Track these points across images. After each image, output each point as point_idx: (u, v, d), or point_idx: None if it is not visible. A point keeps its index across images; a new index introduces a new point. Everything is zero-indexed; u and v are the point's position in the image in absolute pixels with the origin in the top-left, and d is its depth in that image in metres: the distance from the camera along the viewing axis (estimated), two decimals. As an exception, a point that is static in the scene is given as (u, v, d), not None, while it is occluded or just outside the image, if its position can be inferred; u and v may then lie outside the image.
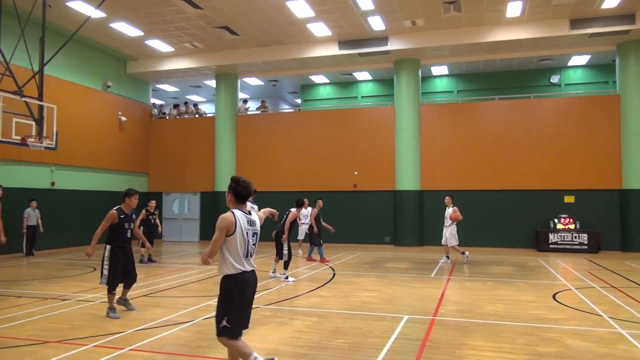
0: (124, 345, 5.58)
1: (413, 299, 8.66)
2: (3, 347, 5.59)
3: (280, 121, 21.25)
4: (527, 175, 17.93)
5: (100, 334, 6.08)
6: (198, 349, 5.53)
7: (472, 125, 18.70)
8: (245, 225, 4.21)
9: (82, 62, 18.46)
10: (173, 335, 6.09)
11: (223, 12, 15.69)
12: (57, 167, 17.09)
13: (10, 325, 6.57)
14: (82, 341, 5.77)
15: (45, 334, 6.10)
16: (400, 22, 16.59)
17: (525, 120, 18.22)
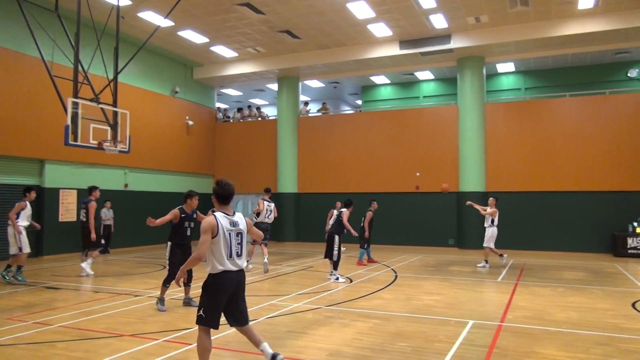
0: (192, 341, 5.78)
1: (479, 303, 8.39)
2: (83, 338, 5.96)
3: (341, 123, 21.29)
4: (602, 175, 16.90)
5: (170, 329, 6.34)
6: (262, 347, 5.62)
7: (541, 123, 17.88)
8: (227, 226, 4.43)
9: (152, 70, 19.39)
10: (237, 333, 6.21)
11: (284, 16, 15.95)
12: (129, 170, 18.05)
13: (88, 318, 6.99)
14: (154, 335, 6.04)
15: (119, 327, 6.44)
16: (463, 19, 16.17)
17: (600, 118, 17.20)
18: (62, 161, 15.46)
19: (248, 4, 14.95)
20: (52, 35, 12.52)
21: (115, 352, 5.37)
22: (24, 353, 5.36)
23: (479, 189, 18.06)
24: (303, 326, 6.58)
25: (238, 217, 4.59)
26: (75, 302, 8.22)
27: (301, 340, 5.88)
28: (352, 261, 14.14)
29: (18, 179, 14.55)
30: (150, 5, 14.98)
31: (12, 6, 12.69)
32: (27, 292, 9.06)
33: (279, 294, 9.01)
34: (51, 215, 15.09)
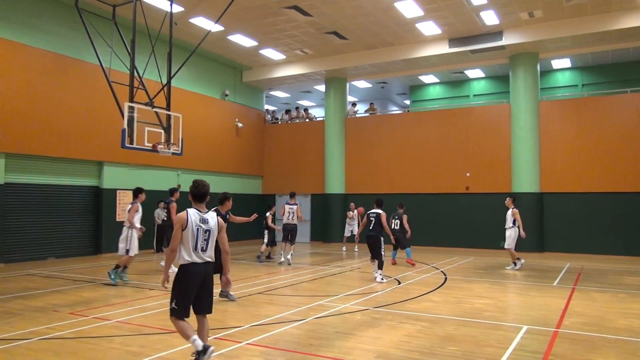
0: (241, 339, 5.89)
1: (532, 308, 8.10)
2: (139, 333, 6.20)
3: (388, 123, 21.12)
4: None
5: (221, 327, 6.48)
6: (310, 347, 5.66)
7: (600, 121, 17.07)
8: (197, 221, 4.76)
9: (203, 74, 19.92)
10: (286, 333, 6.31)
11: (332, 18, 15.99)
12: (182, 171, 18.61)
13: (144, 314, 7.26)
14: (205, 333, 6.19)
15: (172, 324, 6.62)
16: (515, 15, 15.68)
17: (665, 114, 16.25)
18: (119, 163, 16.14)
19: (296, 7, 15.10)
20: (109, 43, 13.10)
21: (169, 347, 5.55)
22: (85, 346, 5.63)
23: (532, 189, 17.45)
24: (351, 327, 6.57)
25: (210, 215, 4.89)
26: (131, 298, 8.56)
27: (349, 342, 5.88)
28: (385, 262, 13.97)
29: (78, 180, 15.32)
30: (202, 11, 15.40)
31: (72, 16, 13.38)
32: (88, 288, 9.50)
33: (327, 294, 9.04)
34: (109, 215, 15.77)
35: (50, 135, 14.24)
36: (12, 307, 7.77)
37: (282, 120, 24.19)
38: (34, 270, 12.06)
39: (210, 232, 4.84)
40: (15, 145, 13.40)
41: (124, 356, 5.25)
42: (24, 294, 8.86)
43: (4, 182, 13.24)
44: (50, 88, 14.28)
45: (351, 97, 25.30)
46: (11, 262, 13.34)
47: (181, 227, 4.69)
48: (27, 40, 13.81)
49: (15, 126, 13.38)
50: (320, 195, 21.56)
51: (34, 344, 5.71)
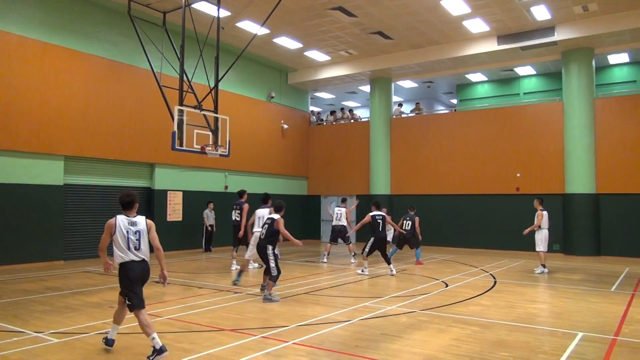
0: (288, 339, 5.94)
1: (589, 314, 7.76)
2: (189, 330, 6.36)
3: (435, 123, 20.79)
4: None
5: (268, 326, 6.56)
6: (356, 348, 5.64)
7: (662, 118, 16.17)
8: (125, 225, 5.34)
9: (249, 76, 20.24)
10: (332, 333, 6.31)
11: (377, 18, 15.90)
12: (229, 173, 18.97)
13: (193, 312, 7.44)
14: (252, 331, 6.28)
15: (221, 322, 6.78)
16: (569, 9, 15.09)
17: None
18: (169, 165, 16.63)
19: (340, 8, 15.11)
20: (160, 49, 13.53)
21: (218, 345, 5.66)
22: (138, 342, 5.82)
23: (587, 190, 16.72)
24: (397, 329, 6.50)
25: (139, 219, 5.48)
26: (182, 296, 8.80)
27: (395, 344, 5.81)
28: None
29: (132, 181, 15.90)
30: (248, 15, 15.66)
31: (125, 24, 13.92)
32: (140, 286, 9.84)
33: (373, 295, 8.98)
34: (160, 215, 16.27)
35: (106, 139, 14.85)
36: (71, 302, 8.15)
37: (327, 122, 24.25)
38: (91, 268, 12.61)
39: (140, 233, 5.41)
40: (74, 148, 14.06)
41: (175, 352, 5.40)
42: (82, 290, 9.28)
43: (63, 184, 13.92)
44: (106, 93, 14.91)
45: (396, 97, 25.06)
46: (70, 260, 14.00)
47: (110, 232, 5.31)
48: (85, 48, 14.48)
49: (74, 130, 14.05)
50: (366, 196, 21.45)
51: (92, 338, 5.96)
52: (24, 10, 13.16)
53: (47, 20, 13.63)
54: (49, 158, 13.57)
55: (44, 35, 13.54)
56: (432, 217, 19.23)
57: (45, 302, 8.17)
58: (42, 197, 13.33)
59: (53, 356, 5.28)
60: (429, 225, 19.67)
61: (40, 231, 13.26)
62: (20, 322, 6.72)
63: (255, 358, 5.22)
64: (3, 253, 12.50)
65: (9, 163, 12.76)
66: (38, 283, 10.18)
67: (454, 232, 19.20)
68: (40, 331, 6.26)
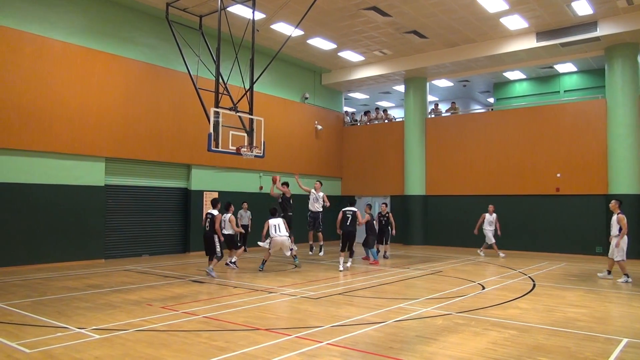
0: (322, 339, 5.94)
1: (634, 319, 7.45)
2: (224, 329, 6.45)
3: (471, 122, 20.42)
4: None
5: (302, 326, 6.58)
6: (389, 350, 5.59)
7: None
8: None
9: (284, 78, 20.39)
10: (366, 334, 6.28)
11: (411, 17, 15.75)
12: (264, 173, 19.15)
13: (228, 311, 7.54)
14: (287, 331, 6.32)
15: (256, 321, 6.84)
16: (612, 3, 14.56)
17: None
18: (205, 166, 16.93)
19: (374, 8, 15.04)
20: (196, 52, 13.80)
21: (252, 344, 5.72)
22: (175, 339, 5.94)
23: (634, 191, 16.09)
24: (432, 332, 6.41)
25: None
26: (217, 295, 8.93)
27: (431, 347, 5.74)
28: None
29: (169, 182, 16.26)
30: (282, 17, 15.77)
31: (163, 27, 14.26)
32: (177, 285, 10.05)
33: (408, 297, 8.89)
34: (196, 216, 16.57)
35: (145, 140, 15.24)
36: (111, 299, 8.39)
37: (361, 122, 24.18)
38: (130, 266, 12.96)
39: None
40: (114, 150, 14.49)
41: (210, 350, 5.48)
42: (122, 288, 9.55)
43: (104, 184, 14.36)
44: (144, 97, 15.30)
45: (431, 96, 24.76)
46: (110, 258, 14.44)
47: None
48: (124, 52, 14.90)
49: (114, 132, 14.48)
50: (400, 196, 21.29)
51: (131, 335, 6.12)
52: (66, 16, 13.64)
53: (88, 26, 14.10)
54: (90, 160, 14.03)
55: (85, 41, 14.01)
56: (467, 218, 18.88)
57: (87, 299, 8.44)
58: (84, 198, 13.79)
59: (95, 351, 5.44)
60: (464, 226, 19.35)
61: (82, 231, 13.73)
62: (64, 319, 6.96)
63: (289, 358, 5.25)
64: (47, 252, 13.00)
65: (52, 165, 13.25)
66: (80, 280, 10.54)
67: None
68: (83, 327, 6.47)
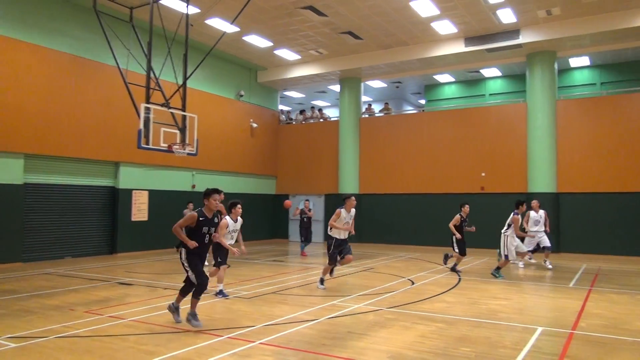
0: (255, 339, 5.92)
1: (548, 309, 8.00)
2: (153, 332, 6.26)
3: (403, 123, 21.04)
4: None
5: (234, 327, 6.51)
6: (322, 347, 5.66)
7: (619, 120, 16.79)
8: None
9: (219, 74, 20.05)
10: (299, 332, 6.32)
11: (347, 18, 15.98)
12: (197, 171, 18.75)
13: (158, 313, 7.32)
14: (219, 332, 6.23)
15: (186, 324, 6.68)
16: (533, 13, 15.50)
17: (687, 113, 15.93)
18: (135, 163, 16.32)
19: (311, 7, 15.12)
20: (127, 45, 13.27)
21: (183, 346, 5.59)
22: (100, 345, 5.70)
23: (549, 189, 17.24)
24: (364, 327, 6.55)
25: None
26: (146, 297, 8.64)
27: (362, 342, 5.86)
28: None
29: (95, 180, 15.55)
30: (217, 13, 15.50)
31: (90, 18, 13.58)
32: (103, 288, 9.63)
33: (340, 294, 9.03)
34: (124, 215, 15.95)
35: (69, 136, 14.47)
36: (29, 305, 7.91)
37: (296, 121, 24.24)
38: (51, 269, 12.26)
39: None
40: (34, 145, 13.64)
41: (138, 355, 5.31)
42: (41, 293, 9.01)
43: (23, 183, 13.48)
44: (69, 90, 14.51)
45: (366, 96, 25.24)
46: (29, 261, 13.58)
47: None
48: (47, 43, 14.05)
49: (34, 127, 13.62)
50: (334, 195, 21.54)
51: (51, 342, 5.80)
52: (-18, 2, 12.70)
53: (7, 13, 13.17)
54: (7, 156, 13.11)
55: (4, 30, 13.08)
56: (399, 216, 19.49)
57: (1, 305, 7.90)
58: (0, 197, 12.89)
59: (10, 360, 5.12)
60: (396, 224, 19.95)
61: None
62: (-24, 326, 6.49)
63: (222, 359, 5.19)
64: (-41, 254, 12.03)
65: (-35, 161, 12.29)
66: (-4, 285, 9.85)
67: (421, 231, 19.48)
68: (-3, 335, 6.06)
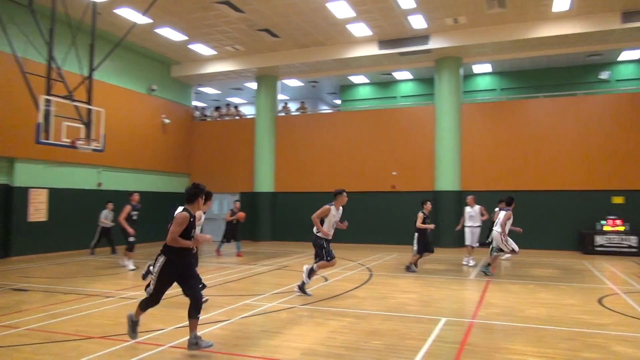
0: (164, 342, 5.73)
1: (451, 301, 8.50)
2: (50, 341, 5.84)
3: (319, 122, 21.32)
4: (573, 175, 17.30)
5: (142, 331, 6.24)
6: (235, 347, 5.60)
7: (516, 124, 18.19)
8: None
9: (129, 67, 19.11)
10: (211, 334, 6.20)
11: (264, 15, 15.88)
12: (104, 169, 17.75)
13: (57, 320, 6.85)
14: (125, 337, 5.94)
15: (89, 329, 6.33)
16: (441, 20, 16.33)
17: (572, 119, 17.58)
18: (33, 159, 15.11)
19: (228, 2, 14.86)
20: (24, 31, 12.26)
21: (84, 354, 5.28)
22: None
23: (453, 188, 18.28)
24: (277, 326, 6.57)
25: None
26: (43, 304, 8.04)
27: (275, 340, 5.88)
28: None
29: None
30: (128, 2, 14.75)
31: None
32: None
33: (254, 293, 8.98)
34: (20, 216, 14.74)
35: (-46, 129, 13.10)
36: None
37: (211, 117, 23.74)
38: None
39: None
40: None
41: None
42: None
43: None
44: (-45, 77, 13.13)
45: (282, 95, 25.28)
46: None
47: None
48: None
49: None
50: (250, 193, 21.38)
51: None
52: None
53: None
54: None
55: None
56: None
57: None
58: None
59: None
60: (309, 221, 20.14)
61: None
62: None
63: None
64: None
65: None
66: None
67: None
68: None
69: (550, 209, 17.46)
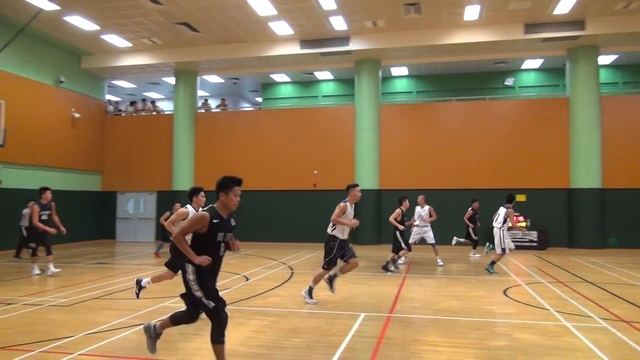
0: (73, 350, 5.40)
1: (370, 296, 8.75)
2: (-58, 354, 5.32)
3: (240, 120, 21.06)
4: (482, 174, 18.43)
5: (48, 339, 5.86)
6: (151, 351, 5.40)
7: (430, 125, 19.08)
8: None
9: (34, 56, 17.74)
10: (126, 339, 5.94)
11: (183, 8, 15.41)
12: (4, 165, 16.36)
13: (-50, 330, 6.25)
14: (28, 347, 5.54)
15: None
16: (361, 23, 16.72)
17: (481, 121, 18.73)
18: None
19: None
20: None
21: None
22: None
23: (373, 187, 18.82)
24: (196, 327, 6.38)
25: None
26: None
27: (194, 343, 5.75)
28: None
29: None
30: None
31: None
32: None
33: (172, 295, 8.71)
34: None
35: None
36: None
37: (126, 112, 22.66)
38: None
39: None
40: None
41: None
42: None
43: None
44: None
45: (202, 91, 24.68)
46: None
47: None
48: None
49: None
50: (168, 192, 20.68)
51: None
52: None
53: None
54: None
55: None
56: (235, 212, 19.41)
57: None
58: None
59: None
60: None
61: None
62: None
63: (31, 376, 4.63)
64: None
65: None
66: None
67: (257, 227, 19.75)
68: None
69: (464, 207, 18.43)
